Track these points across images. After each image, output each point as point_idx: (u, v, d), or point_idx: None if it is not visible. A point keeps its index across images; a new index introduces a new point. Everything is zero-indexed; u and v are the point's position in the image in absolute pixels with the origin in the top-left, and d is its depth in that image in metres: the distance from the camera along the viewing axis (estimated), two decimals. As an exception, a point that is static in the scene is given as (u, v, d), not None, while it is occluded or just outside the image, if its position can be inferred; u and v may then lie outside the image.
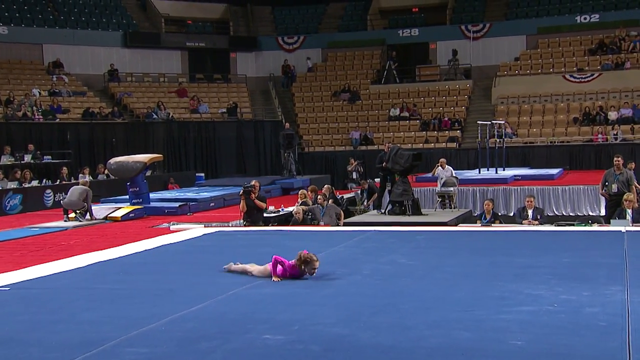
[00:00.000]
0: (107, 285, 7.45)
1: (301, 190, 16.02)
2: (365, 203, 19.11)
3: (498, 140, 24.87)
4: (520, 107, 30.89)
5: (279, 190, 20.04)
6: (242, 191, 13.28)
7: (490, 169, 24.46)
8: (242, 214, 13.42)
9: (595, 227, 10.98)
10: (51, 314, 6.24)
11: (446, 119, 30.74)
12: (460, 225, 12.48)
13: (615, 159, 14.63)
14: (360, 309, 5.93)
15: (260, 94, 34.64)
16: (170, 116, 29.67)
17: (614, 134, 27.95)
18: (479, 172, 23.72)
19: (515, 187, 20.61)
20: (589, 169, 26.91)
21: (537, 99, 31.10)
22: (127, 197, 16.63)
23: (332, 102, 33.43)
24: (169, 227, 13.44)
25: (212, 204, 16.85)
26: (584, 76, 31.07)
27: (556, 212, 19.81)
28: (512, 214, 20.07)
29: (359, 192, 20.32)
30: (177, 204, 15.90)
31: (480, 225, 12.44)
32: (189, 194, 17.73)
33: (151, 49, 34.10)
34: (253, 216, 13.38)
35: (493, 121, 25.36)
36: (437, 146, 28.85)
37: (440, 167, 18.19)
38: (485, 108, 31.39)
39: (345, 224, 14.47)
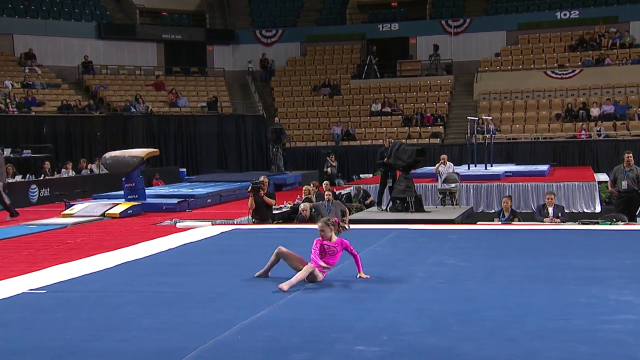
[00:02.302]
0: (149, 288, 7.02)
1: (305, 187, 15.61)
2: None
3: (487, 136, 24.73)
4: (503, 102, 30.89)
5: (272, 187, 19.42)
6: (250, 187, 12.85)
7: (477, 165, 24.34)
8: (251, 211, 12.98)
9: (627, 226, 10.76)
10: (106, 320, 5.82)
11: (428, 114, 30.59)
12: (479, 223, 12.17)
13: (626, 154, 14.47)
14: (442, 317, 5.58)
15: (239, 88, 34.07)
16: (149, 110, 28.96)
17: (597, 131, 28.08)
18: (469, 168, 23.57)
19: (509, 184, 20.48)
20: (573, 165, 27.03)
21: (519, 94, 31.15)
22: (121, 192, 16.05)
23: (312, 96, 33.05)
24: (175, 224, 12.91)
25: (209, 200, 16.35)
26: (565, 72, 31.19)
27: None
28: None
29: (354, 188, 19.93)
30: (175, 200, 15.36)
31: (499, 223, 12.16)
32: (184, 190, 17.19)
33: (126, 40, 33.30)
34: (262, 213, 12.97)
35: (484, 116, 25.23)
36: (420, 142, 28.62)
37: (442, 164, 17.92)
38: (467, 104, 31.33)
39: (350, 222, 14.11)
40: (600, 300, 5.90)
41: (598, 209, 19.72)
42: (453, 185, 17.26)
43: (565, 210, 19.46)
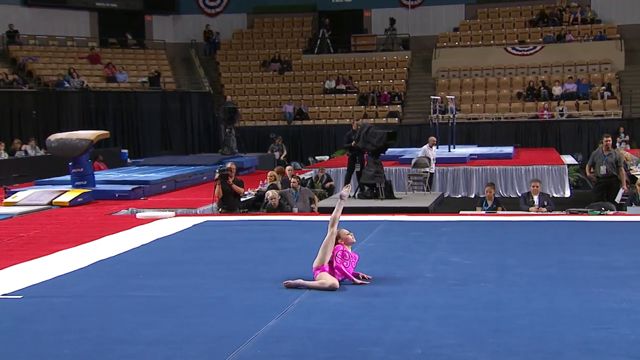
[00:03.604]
0: (139, 292, 6.77)
1: (270, 172, 15.36)
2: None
3: (450, 116, 24.86)
4: (462, 80, 31.15)
5: (228, 170, 19.21)
6: (217, 175, 12.55)
7: (440, 146, 24.43)
8: (217, 199, 12.71)
9: (619, 216, 10.91)
10: (103, 331, 5.57)
11: (385, 92, 30.61)
12: (462, 212, 12.18)
13: (604, 138, 14.68)
14: (471, 325, 5.51)
15: (181, 62, 33.43)
16: (84, 85, 28.09)
17: (559, 110, 28.57)
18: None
19: (476, 167, 20.65)
20: (535, 147, 27.47)
21: (479, 72, 31.44)
22: (66, 177, 15.54)
23: (261, 72, 32.70)
24: (134, 214, 12.55)
25: (164, 187, 15.96)
26: (526, 49, 31.60)
27: (519, 194, 19.85)
28: (472, 195, 20.22)
29: (314, 171, 19.76)
30: (129, 187, 14.91)
31: (483, 212, 12.20)
32: (136, 175, 16.72)
33: (55, 8, 32.12)
34: (230, 202, 12.73)
35: (447, 96, 25.34)
36: (377, 122, 28.61)
37: (428, 147, 17.93)
38: (425, 81, 31.47)
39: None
40: (634, 305, 5.91)
41: (567, 193, 20.07)
42: (424, 169, 17.30)
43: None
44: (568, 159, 22.98)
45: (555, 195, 20.13)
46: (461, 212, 12.23)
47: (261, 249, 8.74)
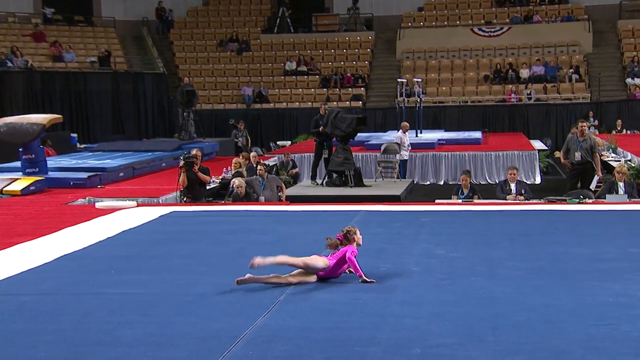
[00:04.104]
0: (112, 290, 6.61)
1: (235, 159, 15.22)
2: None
3: (417, 99, 24.95)
4: (427, 62, 31.27)
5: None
6: (182, 162, 12.41)
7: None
8: (181, 188, 12.57)
9: (599, 205, 11.05)
10: (81, 332, 5.43)
11: (348, 74, 30.59)
12: (438, 201, 12.24)
13: (580, 123, 14.85)
14: (468, 323, 5.51)
15: (133, 41, 32.92)
16: (28, 65, 27.47)
17: (527, 94, 28.89)
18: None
19: (445, 153, 20.78)
20: (503, 131, 27.75)
21: (445, 53, 31.60)
22: (13, 164, 15.25)
23: (218, 52, 32.42)
24: (93, 204, 12.35)
25: (121, 174, 15.73)
26: (492, 30, 31.86)
27: (489, 181, 20.12)
28: (441, 182, 20.35)
29: (278, 157, 19.67)
30: (84, 175, 14.67)
31: (459, 201, 12.27)
32: (91, 161, 16.45)
33: (-6, -19, 31.33)
34: (196, 191, 12.62)
35: (414, 79, 25.41)
36: (341, 105, 28.57)
37: (402, 132, 17.97)
38: (389, 63, 31.52)
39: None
40: (631, 300, 5.97)
41: (538, 180, 20.33)
42: (394, 156, 17.34)
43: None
44: (537, 144, 23.27)
45: (525, 181, 20.37)
46: (437, 201, 12.28)
47: (236, 242, 8.64)
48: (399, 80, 24.44)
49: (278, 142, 25.95)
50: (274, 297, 6.25)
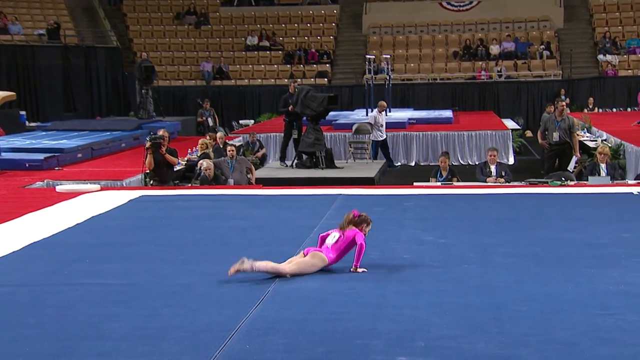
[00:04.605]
0: (91, 280, 6.53)
1: (201, 140, 15.10)
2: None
3: (386, 77, 25.00)
4: (395, 38, 31.32)
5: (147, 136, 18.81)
6: (149, 144, 12.28)
7: (374, 110, 24.46)
8: (148, 171, 12.46)
9: (582, 187, 11.21)
10: (64, 326, 5.37)
11: (313, 50, 30.52)
12: (416, 184, 12.31)
13: (559, 103, 15.05)
14: (469, 313, 5.55)
15: (83, 12, 32.30)
16: (-29, 37, 26.89)
17: (498, 71, 29.13)
18: (367, 115, 23.72)
19: (416, 133, 20.90)
20: (473, 110, 27.98)
21: (413, 29, 31.68)
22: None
23: (174, 26, 32.16)
24: (53, 187, 12.17)
25: (79, 155, 15.52)
26: (462, 4, 32.00)
27: (462, 162, 20.27)
28: (412, 163, 20.45)
29: (243, 137, 19.56)
30: (40, 156, 14.44)
31: (438, 184, 12.35)
32: (46, 142, 16.20)
33: None
34: (163, 174, 12.50)
35: (383, 55, 25.43)
36: (305, 83, 28.50)
37: (378, 112, 17.98)
38: (355, 38, 31.52)
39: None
40: (632, 288, 6.07)
41: (511, 160, 20.54)
42: (366, 136, 17.38)
43: (477, 162, 20.35)
44: (509, 124, 23.51)
45: (498, 161, 20.57)
46: (416, 184, 12.34)
47: (214, 228, 8.59)
48: (367, 56, 24.41)
49: (241, 121, 25.83)
50: (263, 287, 6.23)
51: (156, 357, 4.80)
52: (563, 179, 11.99)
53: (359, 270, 6.65)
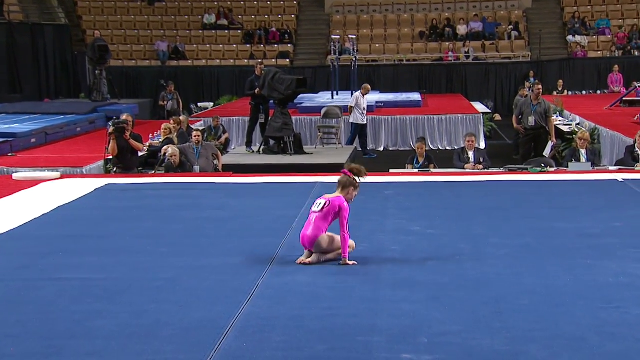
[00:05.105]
0: (69, 274, 6.44)
1: (165, 124, 14.94)
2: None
3: (351, 58, 25.02)
4: (359, 17, 31.33)
5: (103, 120, 18.62)
6: (112, 129, 12.13)
7: (340, 92, 24.54)
8: (112, 157, 12.34)
9: (563, 174, 11.36)
10: (48, 323, 5.30)
11: (273, 29, 30.41)
12: (391, 171, 12.37)
13: (536, 86, 15.20)
14: (470, 307, 5.59)
15: (28, -13, 31.79)
16: None
17: (465, 52, 29.33)
18: (332, 98, 23.76)
19: (385, 117, 20.96)
20: (440, 92, 28.16)
21: (378, 8, 31.74)
22: None
23: (127, 2, 31.76)
24: (10, 175, 12.01)
25: (33, 140, 15.29)
26: (428, -18, 32.05)
27: (432, 147, 20.35)
28: (381, 148, 20.52)
29: (205, 121, 19.45)
30: (-7, 142, 14.22)
31: (415, 170, 12.43)
32: (-4, 126, 15.95)
33: None
34: (127, 160, 12.36)
35: (350, 35, 25.42)
36: (267, 64, 28.36)
37: (361, 94, 17.99)
38: (318, 17, 31.53)
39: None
40: (632, 279, 6.18)
41: (482, 145, 20.68)
42: (334, 120, 17.38)
43: (447, 147, 20.52)
44: (479, 107, 23.70)
45: (483, 149, 20.75)
46: (392, 171, 12.39)
47: (191, 219, 8.53)
48: (332, 36, 24.41)
49: (199, 104, 25.64)
50: (251, 281, 6.21)
51: (150, 356, 4.75)
52: (543, 165, 12.14)
53: (349, 262, 6.67)
